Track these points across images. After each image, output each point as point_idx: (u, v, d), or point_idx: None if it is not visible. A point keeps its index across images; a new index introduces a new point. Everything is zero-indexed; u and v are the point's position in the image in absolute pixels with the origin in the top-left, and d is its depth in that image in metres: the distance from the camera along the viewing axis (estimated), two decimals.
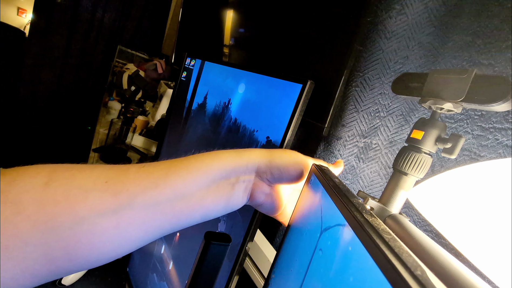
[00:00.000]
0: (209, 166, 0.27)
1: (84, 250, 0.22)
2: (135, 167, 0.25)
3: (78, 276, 0.72)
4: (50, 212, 0.21)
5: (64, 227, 0.21)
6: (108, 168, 0.24)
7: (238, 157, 0.29)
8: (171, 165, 0.26)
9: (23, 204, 0.20)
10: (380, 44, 0.46)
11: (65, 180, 0.22)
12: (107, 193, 0.23)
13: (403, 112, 0.47)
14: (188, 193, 0.26)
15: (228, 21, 0.94)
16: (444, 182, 0.32)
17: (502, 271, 0.23)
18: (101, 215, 0.22)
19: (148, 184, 0.24)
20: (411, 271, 0.11)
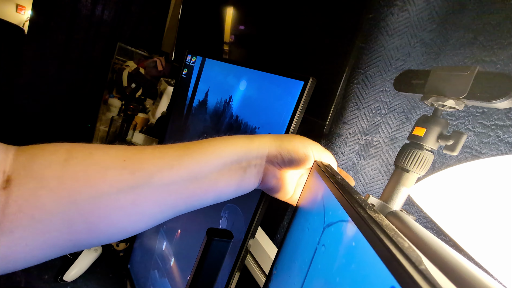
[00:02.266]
0: (221, 150, 0.28)
1: (103, 224, 0.24)
2: (150, 148, 0.26)
3: (80, 272, 0.73)
4: (71, 187, 0.22)
5: (85, 201, 0.22)
6: (124, 148, 0.25)
7: (249, 142, 0.30)
8: (185, 147, 0.27)
9: (45, 178, 0.21)
10: (382, 41, 0.46)
11: (83, 157, 0.23)
12: (125, 171, 0.24)
13: (404, 109, 0.47)
14: (201, 175, 0.27)
15: (228, 18, 0.94)
16: (445, 179, 0.32)
17: (503, 267, 0.23)
18: (120, 191, 0.23)
19: (164, 164, 0.25)
20: (415, 266, 0.11)
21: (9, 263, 0.21)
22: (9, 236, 0.20)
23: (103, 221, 0.23)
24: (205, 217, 0.52)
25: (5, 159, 0.21)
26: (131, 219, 0.25)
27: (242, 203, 0.44)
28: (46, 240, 0.22)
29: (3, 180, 0.21)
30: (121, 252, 0.84)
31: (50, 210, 0.21)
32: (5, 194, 0.20)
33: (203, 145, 0.28)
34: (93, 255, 0.78)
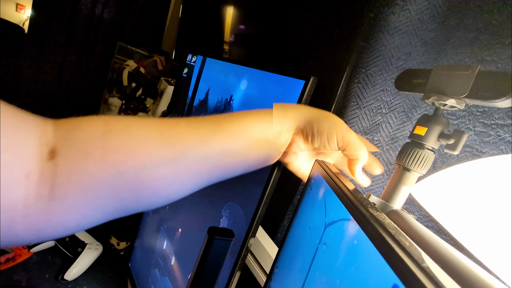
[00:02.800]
0: (253, 126, 0.29)
1: (148, 192, 0.25)
2: (183, 121, 0.28)
3: (81, 271, 0.73)
4: (115, 158, 0.23)
5: (130, 172, 0.24)
6: (159, 121, 0.27)
7: (283, 114, 0.30)
8: (218, 122, 0.28)
9: (88, 150, 0.23)
10: (383, 40, 0.46)
11: (122, 130, 0.24)
12: (164, 144, 0.25)
13: (405, 109, 0.47)
14: (233, 150, 0.28)
15: (228, 18, 0.93)
16: (446, 178, 0.32)
17: (504, 264, 0.23)
18: (161, 163, 0.25)
19: (199, 139, 0.27)
20: (418, 263, 0.11)
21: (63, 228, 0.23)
22: (62, 203, 0.22)
23: (147, 190, 0.25)
24: (206, 216, 0.52)
25: (45, 132, 0.22)
26: (172, 188, 0.27)
27: (243, 202, 0.44)
28: (96, 206, 0.24)
29: (47, 151, 0.22)
30: (122, 251, 0.84)
31: (98, 179, 0.23)
32: (52, 165, 0.22)
33: (235, 121, 0.29)
34: (94, 254, 0.78)
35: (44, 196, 0.21)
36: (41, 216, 0.22)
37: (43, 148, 0.22)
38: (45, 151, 0.22)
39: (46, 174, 0.21)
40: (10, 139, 0.19)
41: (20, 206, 0.20)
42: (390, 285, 0.11)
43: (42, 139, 0.22)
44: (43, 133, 0.22)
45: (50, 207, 0.22)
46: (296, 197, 0.60)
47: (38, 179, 0.21)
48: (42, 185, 0.21)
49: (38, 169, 0.21)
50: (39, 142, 0.22)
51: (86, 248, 0.78)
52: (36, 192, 0.21)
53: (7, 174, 0.19)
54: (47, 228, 0.22)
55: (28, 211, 0.21)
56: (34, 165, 0.21)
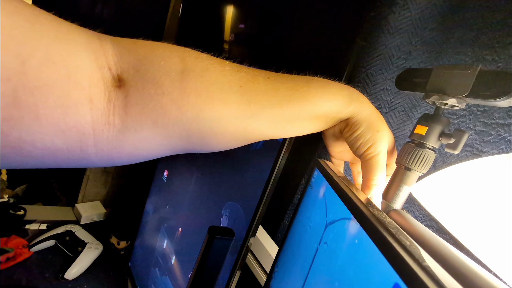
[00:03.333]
0: (326, 101, 0.29)
1: (215, 142, 0.26)
2: (261, 77, 0.27)
3: (81, 270, 0.73)
4: (194, 103, 0.22)
5: (206, 120, 0.23)
6: (237, 69, 0.26)
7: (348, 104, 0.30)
8: (295, 88, 0.28)
9: (164, 87, 0.22)
10: (383, 39, 0.46)
11: (200, 71, 0.23)
12: (242, 99, 0.25)
13: (405, 108, 0.47)
14: (297, 119, 0.28)
15: (228, 17, 0.93)
16: (446, 177, 0.32)
17: (504, 263, 0.23)
18: (236, 118, 0.25)
19: (276, 102, 0.26)
20: (419, 262, 0.11)
21: (132, 158, 0.23)
22: (134, 134, 0.22)
23: (216, 140, 0.25)
24: (206, 215, 0.52)
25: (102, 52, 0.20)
26: (238, 142, 0.27)
27: (243, 201, 0.44)
28: (166, 143, 0.23)
29: (112, 78, 0.20)
30: (122, 251, 0.84)
31: (173, 119, 0.22)
32: (122, 93, 0.21)
33: (311, 91, 0.28)
34: (94, 253, 0.78)
35: (115, 126, 0.21)
36: (112, 145, 0.21)
37: (104, 72, 0.20)
38: (107, 75, 0.20)
39: (114, 102, 0.20)
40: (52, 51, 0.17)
41: (89, 130, 0.20)
42: (391, 283, 0.11)
43: (99, 60, 0.20)
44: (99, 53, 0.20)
45: (120, 137, 0.21)
46: (297, 196, 0.60)
47: (104, 105, 0.20)
48: (112, 113, 0.20)
49: (102, 95, 0.20)
50: (97, 64, 0.20)
51: (86, 247, 0.78)
52: (105, 119, 0.20)
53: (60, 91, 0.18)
54: (118, 156, 0.22)
55: (99, 138, 0.20)
56: (96, 89, 0.19)
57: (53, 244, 0.78)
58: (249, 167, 0.45)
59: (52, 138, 0.18)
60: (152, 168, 0.73)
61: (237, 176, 0.47)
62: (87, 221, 0.91)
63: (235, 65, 0.26)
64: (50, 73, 0.17)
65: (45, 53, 0.17)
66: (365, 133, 0.29)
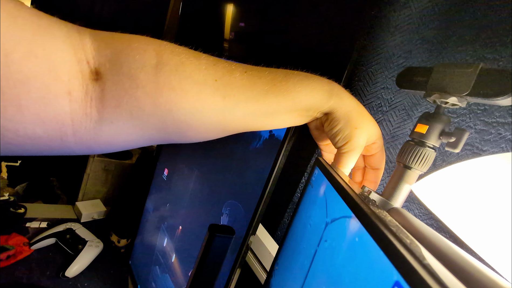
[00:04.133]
0: (305, 96, 0.29)
1: (192, 133, 0.26)
2: (238, 70, 0.27)
3: (81, 268, 0.73)
4: (168, 96, 0.23)
5: (181, 113, 0.24)
6: (213, 63, 0.26)
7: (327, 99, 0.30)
8: (272, 82, 0.28)
9: (140, 80, 0.22)
10: (384, 38, 0.46)
11: (176, 66, 0.24)
12: (217, 93, 0.25)
13: (405, 107, 0.47)
14: (278, 114, 0.29)
15: (228, 15, 0.93)
16: (446, 176, 0.32)
17: (504, 261, 0.24)
18: (211, 111, 0.25)
19: (251, 96, 0.27)
20: (420, 260, 0.11)
21: (112, 146, 0.24)
22: (110, 126, 0.22)
23: (193, 130, 0.26)
24: (206, 213, 0.52)
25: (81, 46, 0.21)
26: (214, 133, 0.28)
27: (243, 200, 0.44)
28: (142, 134, 0.24)
29: (90, 71, 0.21)
30: (122, 249, 0.84)
31: (148, 112, 0.23)
32: (99, 86, 0.21)
33: (289, 86, 0.28)
34: (95, 251, 0.78)
35: (92, 117, 0.21)
36: (90, 135, 0.22)
37: (83, 65, 0.21)
38: (85, 68, 0.21)
39: (91, 94, 0.21)
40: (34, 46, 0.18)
41: (68, 121, 0.21)
42: (392, 282, 0.11)
43: (78, 54, 0.20)
44: (79, 47, 0.21)
45: (97, 128, 0.22)
46: (296, 195, 0.60)
47: (82, 97, 0.21)
48: (89, 105, 0.21)
49: (80, 88, 0.21)
50: (76, 58, 0.20)
51: (87, 245, 0.78)
52: (83, 111, 0.21)
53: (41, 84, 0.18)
54: (96, 145, 0.23)
55: (77, 128, 0.21)
56: (75, 82, 0.20)
57: (54, 242, 0.78)
58: (250, 165, 0.45)
59: (33, 128, 0.19)
60: (152, 166, 0.73)
61: (238, 174, 0.47)
62: (87, 219, 0.92)
63: (212, 59, 0.26)
64: (32, 67, 0.18)
65: (28, 47, 0.18)
66: (344, 129, 0.30)
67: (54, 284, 0.68)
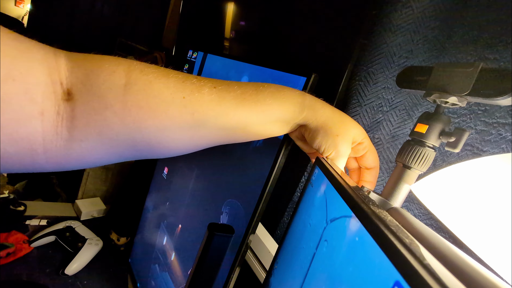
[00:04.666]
0: (276, 107, 0.29)
1: (163, 149, 0.27)
2: (207, 87, 0.27)
3: (81, 266, 0.73)
4: (136, 115, 0.24)
5: (149, 130, 0.24)
6: (182, 80, 0.26)
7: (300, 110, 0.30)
8: (242, 96, 0.28)
9: (108, 100, 0.23)
10: (385, 37, 0.46)
11: (144, 85, 0.24)
12: (185, 110, 0.25)
13: (406, 107, 0.47)
14: (250, 126, 0.29)
15: (229, 14, 0.93)
16: (447, 176, 0.32)
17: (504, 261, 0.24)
18: (180, 127, 0.26)
19: (221, 111, 0.27)
20: (420, 260, 0.11)
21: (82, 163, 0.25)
22: (80, 144, 0.23)
23: (163, 147, 0.27)
24: (206, 212, 0.52)
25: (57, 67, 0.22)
26: (185, 148, 0.28)
27: (243, 199, 0.44)
28: (112, 152, 0.25)
29: (62, 91, 0.22)
30: (122, 247, 0.85)
31: (116, 131, 0.23)
32: (70, 106, 0.22)
33: (259, 98, 0.29)
34: (94, 249, 0.78)
35: (62, 135, 0.22)
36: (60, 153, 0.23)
37: (56, 86, 0.21)
38: (58, 89, 0.22)
39: (63, 114, 0.22)
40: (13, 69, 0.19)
41: (39, 140, 0.21)
42: (392, 281, 0.11)
43: (53, 75, 0.21)
44: (54, 69, 0.22)
45: (68, 146, 0.23)
46: (296, 194, 0.60)
47: (54, 117, 0.21)
48: (60, 124, 0.22)
49: (53, 108, 0.21)
50: (50, 79, 0.21)
51: (87, 243, 0.78)
52: (54, 130, 0.22)
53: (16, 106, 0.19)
54: (66, 162, 0.24)
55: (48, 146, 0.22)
56: (48, 102, 0.21)
57: (53, 239, 0.78)
58: (250, 164, 0.45)
59: (5, 147, 0.20)
60: (152, 165, 0.73)
61: (237, 173, 0.47)
62: (87, 217, 0.92)
63: (182, 76, 0.27)
64: (10, 90, 0.19)
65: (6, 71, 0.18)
66: (325, 140, 0.30)
67: (54, 281, 0.69)
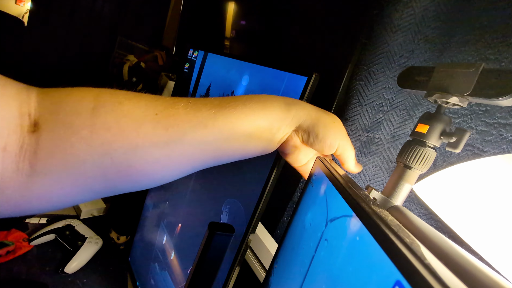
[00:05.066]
0: (257, 114, 0.27)
1: (137, 174, 0.24)
2: (183, 102, 0.26)
3: (81, 264, 0.73)
4: (104, 137, 0.22)
5: (119, 152, 0.22)
6: (155, 99, 0.25)
7: (287, 111, 0.29)
8: (220, 105, 0.27)
9: (75, 126, 0.21)
10: (386, 37, 0.46)
11: (113, 106, 0.23)
12: (158, 126, 0.24)
13: (406, 107, 0.47)
14: (233, 136, 0.27)
15: (230, 13, 0.93)
16: (447, 177, 0.32)
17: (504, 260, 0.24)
18: (154, 145, 0.23)
19: (198, 123, 0.25)
20: (421, 260, 0.11)
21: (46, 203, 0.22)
22: (44, 178, 0.21)
23: (137, 172, 0.24)
24: (206, 211, 0.52)
25: (27, 101, 0.21)
26: (164, 171, 0.26)
27: (243, 198, 0.44)
28: (80, 184, 0.22)
29: (30, 123, 0.21)
30: (122, 245, 0.85)
31: (83, 158, 0.22)
32: (35, 137, 0.21)
33: (237, 106, 0.27)
34: (94, 248, 0.78)
35: (23, 171, 0.20)
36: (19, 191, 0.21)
37: (24, 119, 0.20)
38: (25, 122, 0.21)
39: (26, 147, 0.20)
40: None
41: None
42: (393, 281, 0.11)
43: (23, 108, 0.20)
44: (24, 102, 0.21)
45: (29, 182, 0.21)
46: (296, 194, 0.60)
47: (16, 152, 0.20)
48: (22, 159, 0.20)
49: (17, 142, 0.20)
50: (19, 112, 0.20)
51: (86, 241, 0.78)
52: (14, 166, 0.20)
53: None
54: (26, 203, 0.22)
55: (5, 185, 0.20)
56: (13, 136, 0.20)
57: (53, 238, 0.78)
58: (250, 163, 0.45)
59: None
60: None
61: (238, 172, 0.47)
62: (87, 215, 0.92)
63: (154, 96, 0.25)
64: None
65: None
66: (327, 131, 0.29)
67: (53, 280, 0.69)
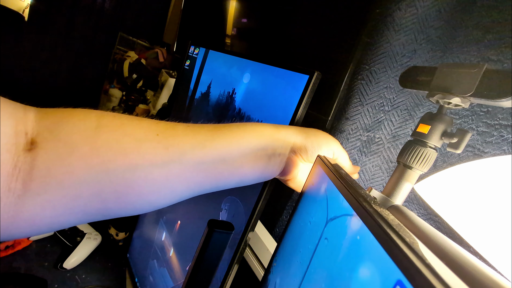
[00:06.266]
0: (250, 135, 0.29)
1: (133, 196, 0.24)
2: (181, 125, 0.27)
3: (79, 260, 0.73)
4: (104, 155, 0.22)
5: (118, 171, 0.22)
6: (155, 122, 0.26)
7: (276, 131, 0.30)
8: (216, 129, 0.28)
9: (75, 144, 0.21)
10: (388, 36, 0.45)
11: (115, 126, 0.23)
12: (159, 145, 0.24)
13: (407, 107, 0.47)
14: (230, 158, 0.27)
15: (231, 10, 0.92)
16: (448, 177, 0.32)
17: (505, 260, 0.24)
18: (153, 165, 0.23)
19: (197, 143, 0.26)
20: (422, 259, 0.11)
21: (34, 226, 0.21)
22: (36, 198, 0.20)
23: (133, 193, 0.23)
24: (205, 209, 0.52)
25: (24, 119, 0.20)
26: (161, 194, 0.25)
27: (243, 196, 0.44)
28: (73, 206, 0.22)
29: (26, 141, 0.20)
30: (121, 242, 0.85)
31: (81, 177, 0.21)
32: (31, 156, 0.20)
33: (233, 129, 0.28)
34: (93, 244, 0.78)
35: (15, 191, 0.19)
36: (8, 213, 0.19)
37: (20, 137, 0.20)
38: (21, 140, 0.20)
39: (21, 166, 0.20)
40: None
41: None
42: (394, 280, 0.11)
43: (19, 127, 0.20)
44: (21, 121, 0.20)
45: (20, 203, 0.20)
46: (296, 193, 0.60)
47: (10, 171, 0.19)
48: (15, 178, 0.19)
49: (10, 160, 0.19)
50: (15, 130, 0.20)
51: (85, 237, 0.78)
52: (6, 186, 0.19)
53: None
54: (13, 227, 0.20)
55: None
56: (7, 155, 0.19)
57: (52, 233, 0.78)
58: None
59: None
60: None
61: None
62: None
63: (155, 120, 0.26)
64: None
65: None
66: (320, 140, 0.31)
67: (52, 275, 0.69)
